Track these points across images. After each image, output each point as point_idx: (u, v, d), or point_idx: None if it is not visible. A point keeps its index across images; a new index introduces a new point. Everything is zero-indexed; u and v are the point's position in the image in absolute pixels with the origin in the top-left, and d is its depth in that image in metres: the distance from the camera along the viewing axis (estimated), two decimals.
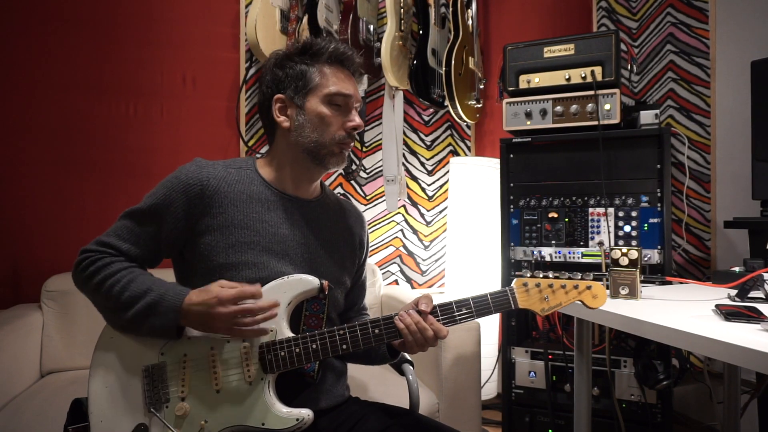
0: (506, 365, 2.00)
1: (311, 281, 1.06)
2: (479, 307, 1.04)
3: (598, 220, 1.85)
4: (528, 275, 1.06)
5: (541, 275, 1.05)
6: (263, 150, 2.38)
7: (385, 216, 2.66)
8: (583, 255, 1.86)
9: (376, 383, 1.75)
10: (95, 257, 1.05)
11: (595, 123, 1.84)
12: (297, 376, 1.07)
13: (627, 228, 1.82)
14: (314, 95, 1.09)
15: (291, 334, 1.04)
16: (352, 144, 1.14)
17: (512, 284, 1.06)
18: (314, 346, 1.03)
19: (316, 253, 1.14)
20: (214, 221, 1.07)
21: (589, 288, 1.04)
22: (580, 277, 1.04)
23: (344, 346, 1.03)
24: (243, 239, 1.07)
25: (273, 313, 1.02)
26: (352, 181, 2.59)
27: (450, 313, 1.04)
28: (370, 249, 1.80)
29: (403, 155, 2.69)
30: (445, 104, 2.47)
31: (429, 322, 1.02)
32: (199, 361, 1.02)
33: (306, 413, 1.00)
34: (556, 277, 1.05)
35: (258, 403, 1.00)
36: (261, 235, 1.08)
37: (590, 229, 1.86)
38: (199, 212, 1.06)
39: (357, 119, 1.11)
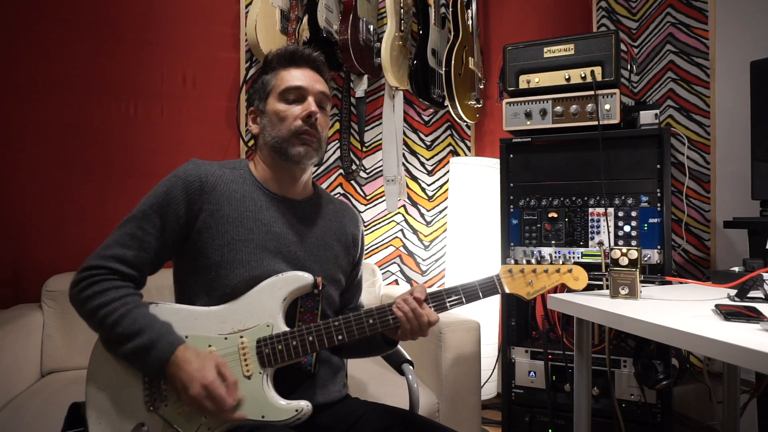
0: (506, 365, 2.00)
1: (305, 277, 1.09)
2: (468, 293, 1.10)
3: (598, 220, 1.85)
4: (512, 262, 1.11)
5: (524, 261, 1.11)
6: None
7: (385, 216, 2.66)
8: (583, 255, 1.86)
9: (376, 383, 1.75)
10: (93, 279, 1.02)
11: (595, 123, 1.84)
12: (294, 369, 1.08)
13: (627, 228, 1.82)
14: (271, 97, 1.16)
15: (287, 329, 1.06)
16: (315, 133, 1.14)
17: (498, 271, 1.12)
18: (311, 338, 1.05)
19: (309, 251, 1.16)
20: (210, 218, 1.08)
21: (570, 271, 1.10)
22: (561, 262, 1.11)
23: (340, 337, 1.06)
24: (237, 237, 1.09)
25: (241, 418, 1.00)
26: (352, 181, 2.59)
27: (440, 300, 1.10)
28: (369, 249, 1.81)
29: (403, 155, 2.69)
30: (445, 104, 2.48)
31: (423, 308, 1.07)
32: None
33: (305, 404, 1.02)
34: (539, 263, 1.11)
35: (257, 397, 1.01)
36: (254, 233, 1.10)
37: (590, 229, 1.86)
38: (198, 208, 1.08)
39: (311, 106, 1.13)
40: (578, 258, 1.86)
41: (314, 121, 1.13)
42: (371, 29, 2.40)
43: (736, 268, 1.47)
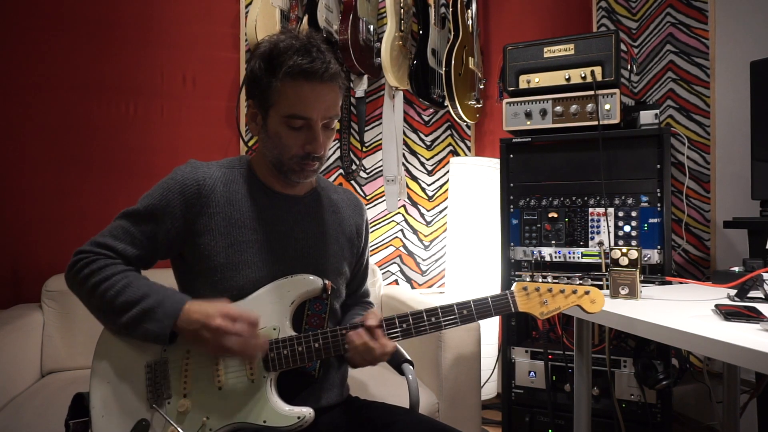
0: (506, 365, 2.00)
1: (314, 281, 1.08)
2: (480, 309, 1.07)
3: (598, 220, 1.85)
4: (528, 279, 1.08)
5: (540, 279, 1.07)
6: None
7: (385, 216, 2.66)
8: (583, 255, 1.86)
9: (376, 383, 1.75)
10: (90, 259, 1.03)
11: (595, 123, 1.84)
12: (299, 373, 1.07)
13: (627, 228, 1.82)
14: (274, 112, 1.04)
15: (294, 333, 1.05)
16: (316, 164, 1.08)
17: (512, 288, 1.09)
18: (317, 345, 1.04)
19: (314, 248, 1.15)
20: (212, 221, 1.07)
21: (587, 293, 1.07)
22: (578, 282, 1.08)
23: (346, 346, 1.05)
24: (242, 238, 1.08)
25: (264, 346, 1.01)
26: (352, 181, 2.59)
27: (452, 314, 1.07)
28: (370, 249, 1.80)
29: (403, 155, 2.69)
30: (445, 104, 2.48)
31: (376, 336, 1.05)
32: (202, 358, 1.02)
33: (307, 411, 1.01)
34: (555, 279, 1.07)
35: (260, 401, 1.01)
36: (259, 233, 1.09)
37: (590, 229, 1.86)
38: (196, 212, 1.06)
39: (315, 143, 1.04)
40: (578, 258, 1.86)
41: (319, 153, 1.06)
42: (371, 29, 2.40)
43: (736, 268, 1.48)
